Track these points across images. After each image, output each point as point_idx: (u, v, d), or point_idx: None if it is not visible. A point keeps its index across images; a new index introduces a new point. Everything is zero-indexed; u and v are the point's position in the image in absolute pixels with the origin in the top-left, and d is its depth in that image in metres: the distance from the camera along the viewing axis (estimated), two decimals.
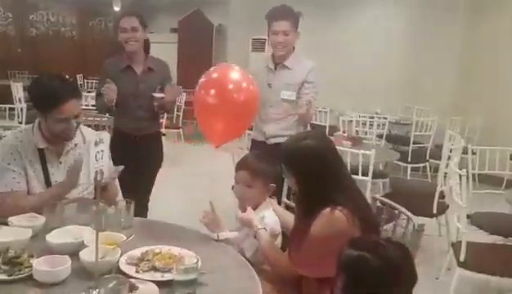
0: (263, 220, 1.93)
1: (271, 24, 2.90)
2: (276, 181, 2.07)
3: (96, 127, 5.67)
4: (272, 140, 2.98)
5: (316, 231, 1.58)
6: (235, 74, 2.39)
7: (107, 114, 3.37)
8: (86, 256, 1.47)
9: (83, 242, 1.60)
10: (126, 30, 2.87)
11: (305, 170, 1.66)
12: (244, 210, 2.05)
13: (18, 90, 6.62)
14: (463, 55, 6.50)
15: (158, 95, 2.92)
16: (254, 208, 1.99)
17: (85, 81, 9.81)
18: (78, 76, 9.86)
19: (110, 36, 11.52)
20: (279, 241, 1.99)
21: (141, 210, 2.92)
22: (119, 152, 2.23)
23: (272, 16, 2.90)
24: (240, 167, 2.06)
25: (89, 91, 7.64)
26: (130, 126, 2.97)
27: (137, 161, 2.86)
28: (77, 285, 1.40)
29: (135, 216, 1.90)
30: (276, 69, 2.99)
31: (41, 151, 2.06)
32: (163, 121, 5.85)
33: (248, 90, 2.36)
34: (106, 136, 1.30)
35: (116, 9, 11.34)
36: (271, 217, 1.97)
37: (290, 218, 2.10)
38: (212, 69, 2.47)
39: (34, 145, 2.05)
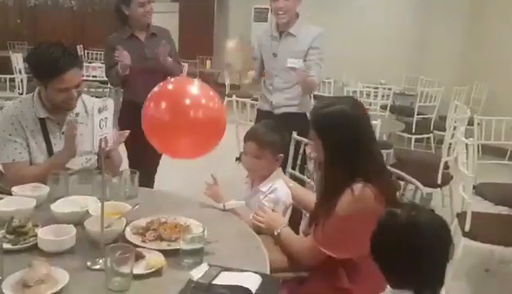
0: (275, 191, 1.92)
1: None
2: (283, 151, 2.05)
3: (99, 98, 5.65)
4: (279, 110, 2.94)
5: (343, 209, 1.49)
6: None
7: (120, 87, 3.37)
8: (91, 225, 1.46)
9: (87, 211, 1.59)
10: (143, 4, 2.94)
11: (336, 137, 1.53)
12: (253, 181, 2.03)
13: (18, 60, 6.55)
14: (470, 25, 6.37)
15: (166, 59, 2.97)
16: (264, 179, 1.97)
17: (85, 51, 9.69)
18: (78, 47, 9.73)
19: (109, 6, 11.31)
20: (288, 213, 1.98)
21: (148, 181, 2.94)
22: (128, 123, 2.19)
23: None
24: (248, 137, 2.03)
25: (90, 62, 7.56)
26: (140, 94, 2.91)
27: (142, 134, 2.84)
28: (82, 254, 1.39)
29: (142, 186, 1.89)
30: (280, 37, 2.92)
31: (42, 121, 2.03)
32: None
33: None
34: (110, 103, 1.26)
35: None
36: (283, 189, 1.96)
37: (301, 191, 2.09)
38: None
39: (35, 115, 2.02)
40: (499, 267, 3.07)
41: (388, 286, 1.19)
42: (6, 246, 1.36)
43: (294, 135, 2.58)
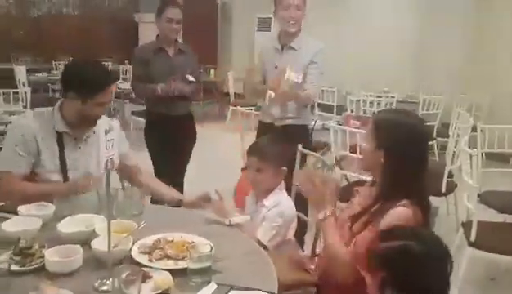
0: (279, 205, 1.92)
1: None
2: (288, 165, 2.05)
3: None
4: (280, 123, 2.95)
5: (387, 224, 1.46)
6: None
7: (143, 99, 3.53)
8: (98, 245, 1.47)
9: (94, 230, 1.59)
10: (172, 21, 3.08)
11: (398, 145, 1.52)
12: (258, 196, 2.04)
13: (21, 73, 6.58)
14: (472, 33, 6.37)
15: (190, 77, 3.11)
16: (268, 193, 1.97)
17: None
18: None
19: (114, 14, 11.38)
20: (294, 226, 1.99)
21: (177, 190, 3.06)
22: (154, 134, 2.25)
23: None
24: (249, 152, 2.05)
25: None
26: (165, 107, 3.09)
27: (173, 141, 3.06)
28: (89, 275, 1.40)
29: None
30: (282, 49, 2.93)
31: (59, 135, 2.01)
32: None
33: None
34: (116, 124, 1.27)
35: None
36: (287, 202, 1.97)
37: None
38: None
39: (53, 128, 2.01)
40: (504, 276, 3.06)
41: None
42: (14, 267, 1.37)
43: (300, 147, 2.59)
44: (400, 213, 1.46)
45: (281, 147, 2.05)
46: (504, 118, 4.21)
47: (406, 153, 1.52)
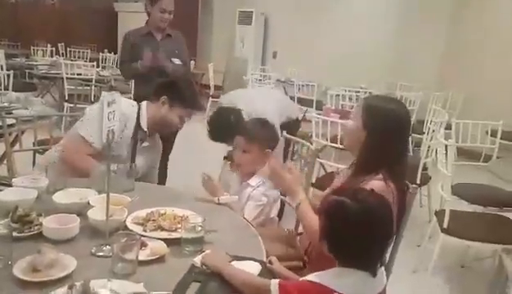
0: (263, 185, 2.00)
1: None
2: (273, 147, 2.13)
3: (84, 97, 5.63)
4: None
5: None
6: None
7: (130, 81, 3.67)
8: (94, 214, 1.52)
9: (88, 202, 1.64)
10: (165, 11, 3.18)
11: (383, 129, 1.63)
12: (242, 175, 2.11)
13: (0, 57, 6.48)
14: (449, 32, 6.59)
15: (176, 60, 3.17)
16: (252, 174, 2.05)
17: (67, 49, 9.60)
18: (59, 45, 9.64)
19: (93, 3, 11.23)
20: (277, 205, 2.06)
21: (161, 177, 3.13)
22: None
23: None
24: (237, 132, 2.11)
25: (72, 60, 7.51)
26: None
27: None
28: (86, 242, 1.45)
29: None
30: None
31: (140, 131, 2.23)
32: None
33: None
34: (118, 97, 1.33)
35: None
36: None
37: None
38: None
39: (136, 123, 2.21)
40: (474, 263, 3.22)
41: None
42: (13, 233, 1.40)
43: (285, 133, 2.67)
44: (374, 184, 1.54)
45: (267, 129, 2.12)
46: (476, 115, 4.39)
47: (387, 135, 1.63)
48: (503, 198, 3.20)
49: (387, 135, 1.63)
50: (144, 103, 2.29)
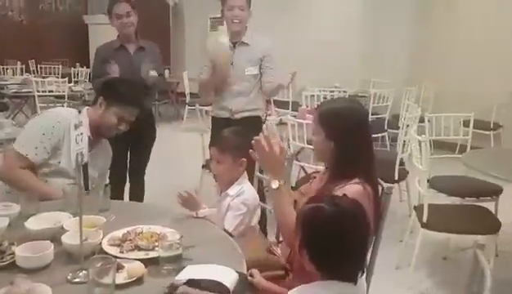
0: (243, 194, 1.99)
1: (227, 0, 2.97)
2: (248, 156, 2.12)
3: None
4: (239, 115, 3.08)
5: None
6: None
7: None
8: (68, 239, 1.48)
9: (62, 227, 1.60)
10: (121, 16, 3.09)
11: (346, 133, 1.62)
12: (221, 185, 2.10)
13: None
14: (416, 28, 6.70)
15: (151, 72, 3.09)
16: (230, 184, 2.04)
17: (38, 66, 9.44)
18: (30, 61, 9.47)
19: (61, 19, 11.07)
20: (258, 213, 2.06)
21: (138, 193, 3.10)
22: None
23: None
24: (211, 144, 2.12)
25: (44, 77, 7.39)
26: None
27: (132, 139, 3.04)
28: (62, 268, 1.42)
29: (132, 199, 1.94)
30: (234, 46, 3.04)
31: None
32: None
33: None
34: (85, 119, 1.30)
35: None
36: (250, 190, 2.03)
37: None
38: None
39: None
40: (455, 254, 3.27)
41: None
42: None
43: None
44: (352, 188, 1.55)
45: (240, 138, 2.11)
46: (448, 108, 4.48)
47: (352, 137, 1.63)
48: (479, 188, 3.26)
49: (355, 137, 1.63)
50: (84, 108, 2.25)
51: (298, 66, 6.98)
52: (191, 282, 1.29)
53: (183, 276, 1.33)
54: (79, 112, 2.23)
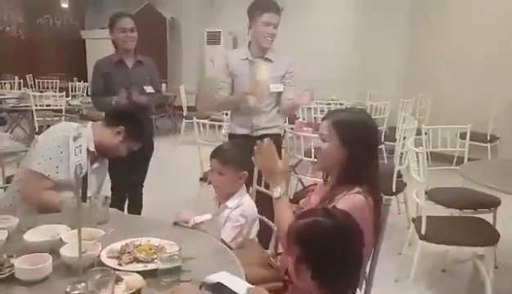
0: (241, 206, 1.99)
1: (262, 16, 2.91)
2: (249, 169, 2.12)
3: None
4: (259, 132, 2.99)
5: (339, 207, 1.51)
6: None
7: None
8: (67, 251, 1.48)
9: (60, 239, 1.60)
10: (125, 30, 3.14)
11: (360, 143, 1.64)
12: (220, 197, 2.10)
13: None
14: (412, 40, 6.77)
15: (148, 88, 3.14)
16: (230, 196, 2.04)
17: (36, 81, 9.46)
18: (27, 76, 9.49)
19: (58, 34, 11.13)
20: (256, 225, 2.06)
21: (137, 205, 3.10)
22: None
23: (266, 7, 2.92)
24: (212, 155, 2.11)
25: (41, 91, 7.40)
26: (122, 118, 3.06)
27: (130, 153, 2.99)
28: (60, 281, 1.41)
29: (131, 211, 1.93)
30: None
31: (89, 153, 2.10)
32: None
33: None
34: (84, 131, 1.31)
35: (64, 6, 10.96)
36: (249, 203, 2.04)
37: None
38: None
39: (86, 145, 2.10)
40: (454, 267, 3.26)
41: None
42: None
43: None
44: (354, 198, 1.56)
45: (241, 151, 2.12)
46: (445, 120, 4.50)
47: (364, 147, 1.65)
48: (477, 199, 3.26)
49: (367, 147, 1.65)
50: (89, 125, 2.19)
51: (297, 78, 7.08)
52: (216, 286, 1.33)
53: (215, 278, 1.37)
54: (84, 126, 2.18)
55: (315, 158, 3.32)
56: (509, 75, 5.71)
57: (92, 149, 2.11)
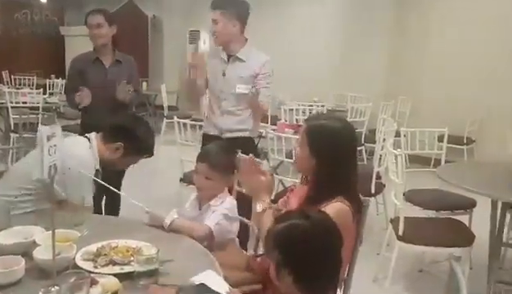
0: (224, 205, 1.98)
1: (211, 14, 2.88)
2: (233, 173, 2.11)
3: (31, 125, 5.43)
4: (227, 135, 2.92)
5: None
6: None
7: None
8: (40, 254, 1.44)
9: (34, 241, 1.56)
10: (91, 26, 3.06)
11: (330, 153, 1.61)
12: (202, 200, 2.08)
13: None
14: (392, 43, 6.86)
15: (128, 87, 3.03)
16: (212, 198, 2.03)
17: (12, 77, 9.25)
18: (3, 72, 9.28)
19: (37, 29, 10.93)
20: (237, 225, 2.05)
21: (114, 206, 3.07)
22: None
23: (211, 5, 2.88)
24: (200, 158, 2.08)
25: (18, 88, 7.25)
26: (98, 118, 2.96)
27: None
28: (33, 284, 1.37)
29: (108, 212, 1.89)
30: (228, 60, 2.93)
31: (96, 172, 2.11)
32: None
33: None
34: (58, 129, 1.28)
35: (43, 1, 10.77)
36: (231, 201, 2.03)
37: None
38: None
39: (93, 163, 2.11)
40: (431, 267, 3.31)
41: None
42: None
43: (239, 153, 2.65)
44: (336, 206, 1.56)
45: (231, 156, 2.09)
46: (423, 123, 4.57)
47: (337, 157, 1.63)
48: (454, 201, 3.32)
49: (336, 160, 1.61)
50: (93, 140, 2.15)
51: (276, 80, 7.10)
52: (200, 288, 1.31)
53: (199, 278, 1.36)
54: (89, 140, 2.16)
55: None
56: (484, 81, 5.84)
57: (98, 166, 2.10)
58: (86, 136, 2.18)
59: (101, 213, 3.07)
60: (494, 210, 2.83)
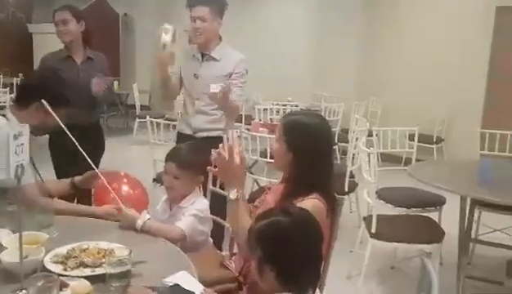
0: (195, 205, 1.96)
1: (190, 11, 2.84)
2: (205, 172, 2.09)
3: None
4: (200, 134, 2.88)
5: None
6: None
7: None
8: (7, 257, 1.40)
9: (1, 244, 1.51)
10: (57, 23, 3.01)
11: (307, 148, 1.61)
12: (172, 200, 2.05)
13: None
14: (364, 44, 6.95)
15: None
16: (182, 198, 2.00)
17: None
18: None
19: (2, 27, 10.60)
20: (210, 225, 2.03)
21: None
22: (58, 145, 2.15)
23: (191, 1, 2.84)
24: (169, 157, 2.06)
25: None
26: (70, 116, 2.87)
27: (79, 152, 2.83)
28: (0, 288, 1.33)
29: None
30: (202, 59, 2.90)
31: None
32: None
33: None
34: (26, 128, 1.23)
35: None
36: (203, 201, 2.01)
37: None
38: None
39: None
40: (402, 263, 3.37)
41: None
42: None
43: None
44: (312, 203, 1.56)
45: (200, 156, 2.06)
46: (395, 122, 4.65)
47: (314, 152, 1.64)
48: (424, 198, 3.38)
49: (314, 153, 1.63)
50: (9, 113, 2.04)
51: (250, 79, 7.10)
52: (175, 289, 1.30)
53: (173, 279, 1.35)
54: (4, 116, 2.02)
55: (271, 158, 3.35)
56: (453, 83, 5.99)
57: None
58: (1, 114, 2.07)
59: None
60: (463, 207, 2.90)
